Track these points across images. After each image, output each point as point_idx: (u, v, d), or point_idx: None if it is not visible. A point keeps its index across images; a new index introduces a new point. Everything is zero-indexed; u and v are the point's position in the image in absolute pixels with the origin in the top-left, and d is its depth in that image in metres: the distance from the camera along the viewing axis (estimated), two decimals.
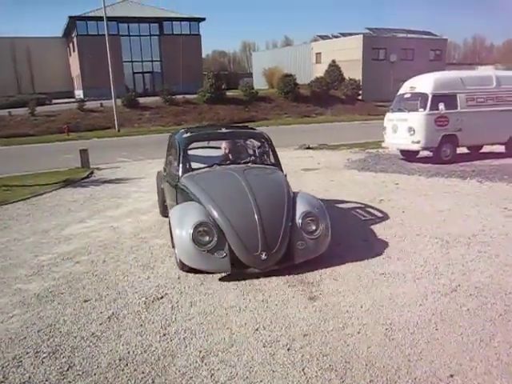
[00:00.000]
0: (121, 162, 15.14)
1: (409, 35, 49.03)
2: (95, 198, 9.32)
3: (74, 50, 43.02)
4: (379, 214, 7.13)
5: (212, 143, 6.73)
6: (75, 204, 8.83)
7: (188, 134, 6.25)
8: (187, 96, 31.02)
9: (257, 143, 6.61)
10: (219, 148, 6.46)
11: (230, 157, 6.22)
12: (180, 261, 4.73)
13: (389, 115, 13.09)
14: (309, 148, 17.15)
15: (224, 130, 6.51)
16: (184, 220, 4.67)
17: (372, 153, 15.21)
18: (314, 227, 4.78)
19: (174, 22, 43.54)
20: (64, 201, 9.23)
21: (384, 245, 5.55)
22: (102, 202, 8.89)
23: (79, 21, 40.20)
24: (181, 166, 5.70)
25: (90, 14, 39.63)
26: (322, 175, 11.10)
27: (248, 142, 6.78)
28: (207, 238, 4.50)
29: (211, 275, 4.65)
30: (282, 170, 5.98)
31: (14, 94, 37.03)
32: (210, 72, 32.35)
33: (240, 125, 9.52)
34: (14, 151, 19.65)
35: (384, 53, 45.23)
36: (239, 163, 5.91)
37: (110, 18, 33.64)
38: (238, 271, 4.54)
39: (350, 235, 6.05)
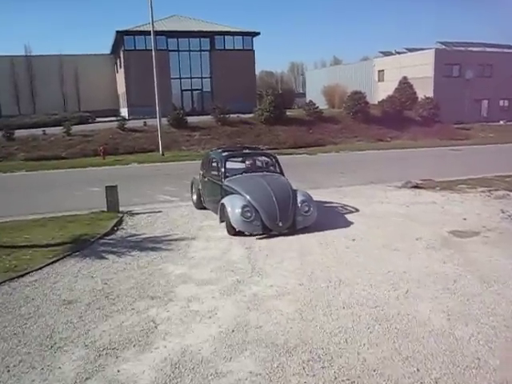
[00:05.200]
0: (163, 203, 10.95)
1: (487, 49, 43.42)
2: (109, 297, 4.99)
3: (120, 67, 40.42)
4: None
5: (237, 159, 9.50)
6: (68, 316, 4.53)
7: (226, 153, 9.22)
8: (241, 115, 27.01)
9: (267, 159, 9.59)
10: (242, 162, 9.36)
11: (251, 168, 9.09)
12: (232, 227, 7.56)
13: None
14: (417, 187, 12.36)
15: (247, 151, 10.01)
16: (235, 204, 7.63)
17: None
18: (307, 208, 7.88)
19: (226, 37, 40.12)
20: (53, 299, 4.97)
21: None
22: (118, 314, 4.54)
23: (127, 35, 37.54)
24: (223, 173, 8.59)
25: (139, 29, 36.86)
26: (505, 253, 6.30)
27: (262, 158, 9.65)
28: (249, 214, 7.47)
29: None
30: (284, 176, 8.94)
31: (58, 112, 34.47)
32: (268, 89, 28.29)
33: (254, 146, 13.05)
34: (37, 179, 16.02)
35: (458, 69, 40.04)
36: (257, 171, 8.96)
37: (158, 33, 30.56)
38: (266, 232, 7.48)
39: None
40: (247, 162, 9.25)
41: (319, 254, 6.36)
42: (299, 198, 7.92)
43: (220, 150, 9.65)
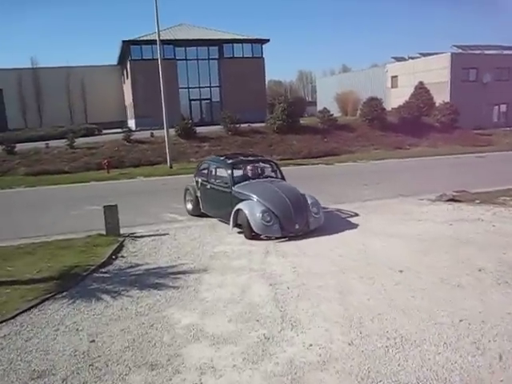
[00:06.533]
0: (170, 223, 9.72)
1: (504, 52, 42.06)
2: (95, 366, 3.72)
3: (127, 77, 39.65)
4: None
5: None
6: None
7: (231, 161, 9.36)
8: (252, 125, 25.84)
9: (268, 165, 9.79)
10: (245, 169, 9.36)
11: (255, 174, 9.23)
12: (249, 230, 7.85)
13: None
14: (453, 200, 11.02)
15: (250, 158, 10.18)
16: (254, 209, 7.89)
17: None
18: (316, 210, 8.31)
19: (234, 44, 39.19)
20: (19, 370, 3.73)
21: None
22: None
23: (133, 45, 36.75)
24: (231, 180, 8.75)
25: (145, 38, 36.07)
26: None
27: (264, 165, 9.76)
28: (268, 218, 7.78)
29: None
30: (285, 181, 9.27)
31: (65, 124, 33.61)
32: (280, 96, 27.14)
33: (252, 153, 14.47)
34: (34, 196, 14.91)
35: (475, 73, 38.66)
36: (262, 178, 9.23)
37: (165, 42, 29.68)
38: (284, 235, 7.82)
39: None
40: (251, 169, 9.43)
41: (363, 294, 5.06)
42: (309, 201, 8.42)
43: (223, 158, 9.90)
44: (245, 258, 6.80)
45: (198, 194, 9.93)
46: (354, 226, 8.64)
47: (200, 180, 9.92)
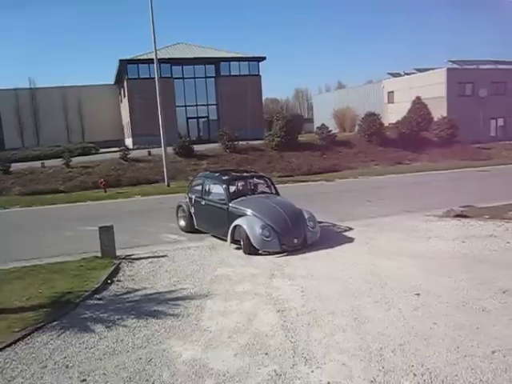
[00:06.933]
0: (168, 244, 9.30)
1: (499, 66, 42.38)
2: None
3: (124, 96, 39.57)
4: None
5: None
6: None
7: (227, 177, 9.37)
8: (250, 142, 25.59)
9: (263, 181, 9.84)
10: (240, 185, 9.53)
11: (250, 190, 9.49)
12: (249, 246, 7.84)
13: None
14: (461, 216, 10.67)
15: (245, 174, 10.21)
16: (254, 224, 7.92)
17: None
18: (312, 224, 8.36)
19: (231, 62, 39.26)
20: None
21: None
22: None
23: (130, 64, 36.76)
24: (228, 196, 8.75)
25: (142, 57, 36.12)
26: None
27: (258, 180, 9.88)
28: (268, 233, 7.82)
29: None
30: (279, 196, 9.40)
31: (62, 143, 33.27)
32: (277, 113, 26.95)
33: (243, 169, 14.18)
34: (28, 216, 14.46)
35: (471, 87, 38.81)
36: (257, 193, 9.36)
37: (162, 60, 29.68)
38: (283, 250, 7.84)
39: None
40: (246, 185, 9.57)
41: (380, 321, 4.64)
42: (305, 216, 8.47)
43: (217, 174, 9.87)
44: (248, 281, 6.39)
45: (192, 211, 9.95)
46: (362, 244, 8.26)
47: (194, 197, 9.94)
